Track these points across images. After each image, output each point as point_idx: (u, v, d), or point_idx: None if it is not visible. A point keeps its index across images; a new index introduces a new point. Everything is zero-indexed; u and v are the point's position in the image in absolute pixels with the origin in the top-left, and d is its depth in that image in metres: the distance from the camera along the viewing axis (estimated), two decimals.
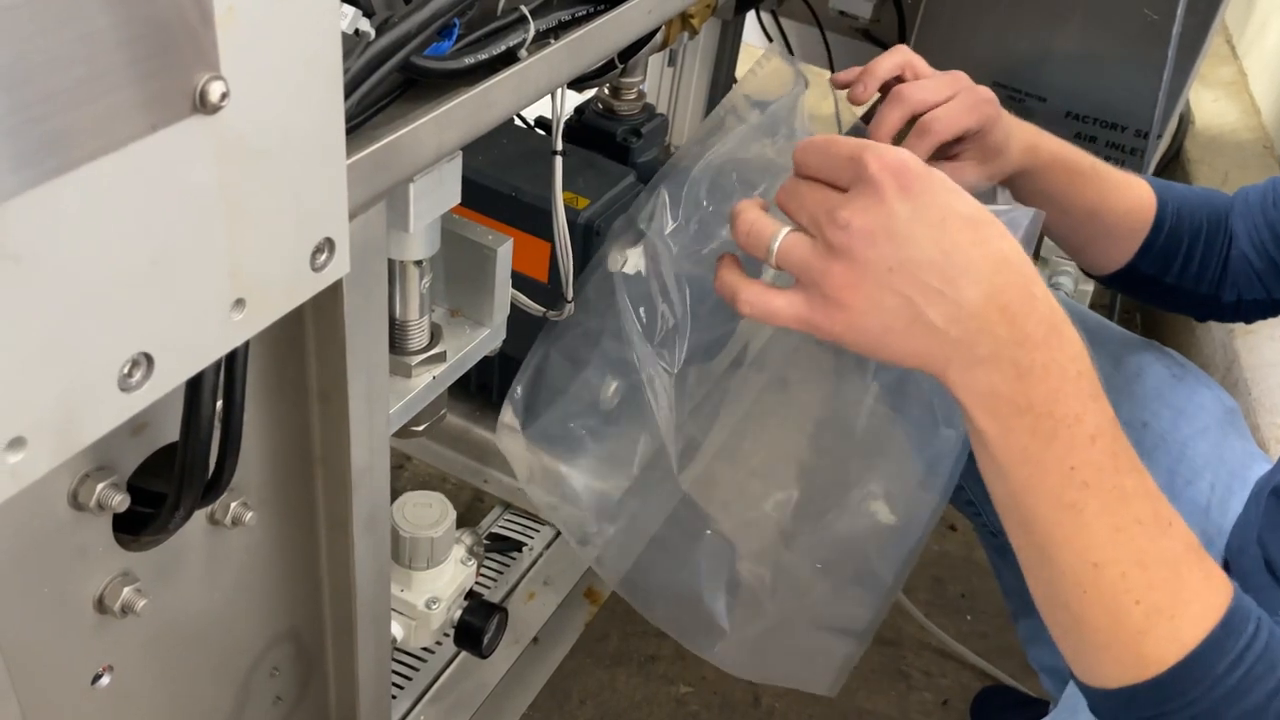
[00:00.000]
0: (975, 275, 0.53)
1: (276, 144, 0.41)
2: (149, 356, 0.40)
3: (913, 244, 0.53)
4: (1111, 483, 0.53)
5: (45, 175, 0.33)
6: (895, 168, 0.53)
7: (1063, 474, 0.53)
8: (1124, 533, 0.53)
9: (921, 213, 0.53)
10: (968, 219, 0.54)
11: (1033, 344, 0.53)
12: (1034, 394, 0.53)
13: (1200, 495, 0.90)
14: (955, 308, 0.53)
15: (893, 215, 0.53)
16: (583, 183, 1.11)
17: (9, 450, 0.36)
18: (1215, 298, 0.90)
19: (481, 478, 1.32)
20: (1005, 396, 0.53)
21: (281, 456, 0.66)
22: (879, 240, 0.53)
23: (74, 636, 0.57)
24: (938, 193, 0.54)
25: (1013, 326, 0.53)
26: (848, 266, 0.54)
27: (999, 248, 0.54)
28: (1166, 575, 0.54)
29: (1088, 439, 0.53)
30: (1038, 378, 0.53)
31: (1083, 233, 0.89)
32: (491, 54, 0.61)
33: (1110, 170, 0.88)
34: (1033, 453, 0.53)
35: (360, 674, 0.78)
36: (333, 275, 0.48)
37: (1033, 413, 0.53)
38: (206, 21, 0.36)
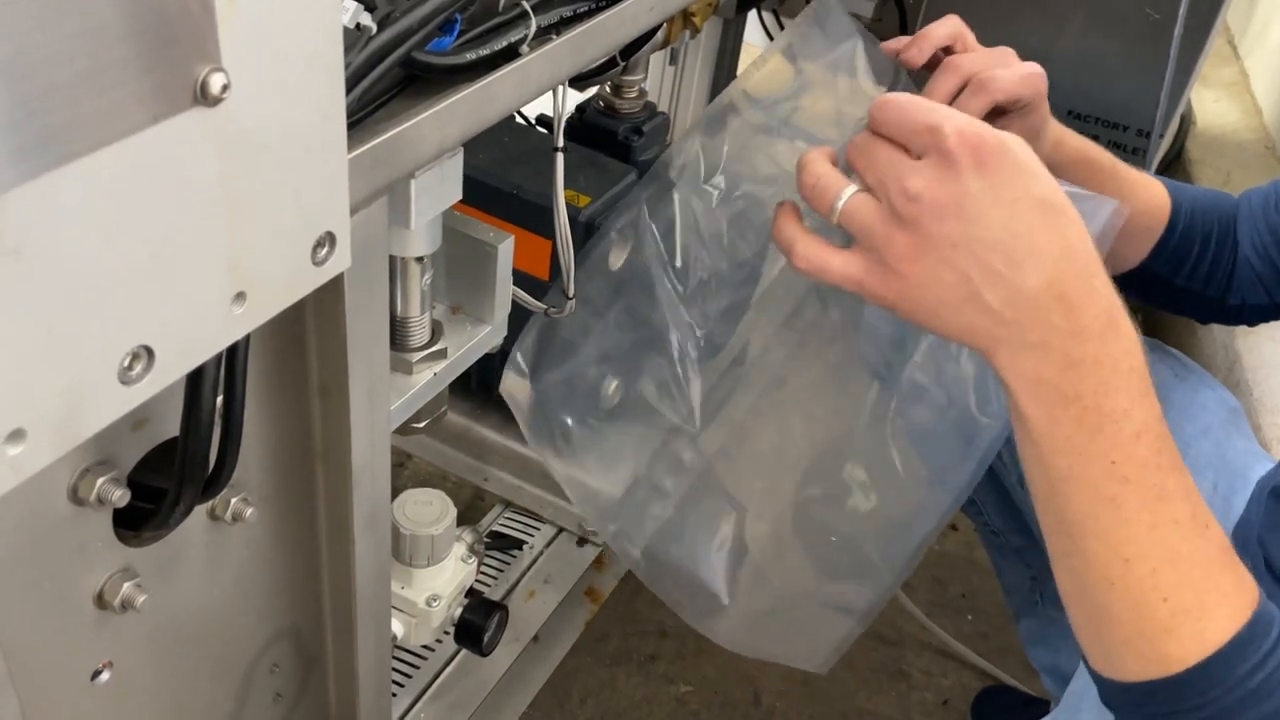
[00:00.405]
0: (1038, 261, 0.52)
1: (277, 137, 0.41)
2: (149, 349, 0.40)
3: (981, 223, 0.52)
4: (1153, 480, 0.53)
5: (45, 167, 0.33)
6: (974, 142, 0.52)
7: (1105, 467, 0.53)
8: (1159, 530, 0.53)
9: (995, 191, 0.52)
10: (1040, 202, 0.53)
11: (1087, 335, 0.52)
12: (1083, 385, 0.52)
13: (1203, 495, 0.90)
14: (1014, 291, 0.52)
15: (965, 192, 0.52)
16: (584, 181, 1.11)
17: (9, 442, 0.36)
18: (1221, 301, 0.90)
19: (482, 476, 1.32)
20: (1053, 384, 0.53)
21: (282, 452, 0.66)
22: (948, 215, 0.52)
23: (74, 632, 0.57)
24: (1014, 171, 0.53)
25: (1069, 316, 0.52)
26: (912, 238, 0.53)
27: (1066, 235, 0.53)
28: (1198, 576, 0.54)
29: (1133, 435, 0.53)
30: (1088, 369, 0.52)
31: None
32: (493, 50, 0.61)
33: (1128, 169, 0.88)
34: (1076, 443, 0.53)
35: (360, 671, 0.78)
36: (333, 270, 0.48)
37: (1080, 403, 0.52)
38: (208, 13, 0.36)
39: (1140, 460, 0.53)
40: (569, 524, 1.29)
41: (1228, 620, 0.54)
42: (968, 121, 0.53)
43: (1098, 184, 0.86)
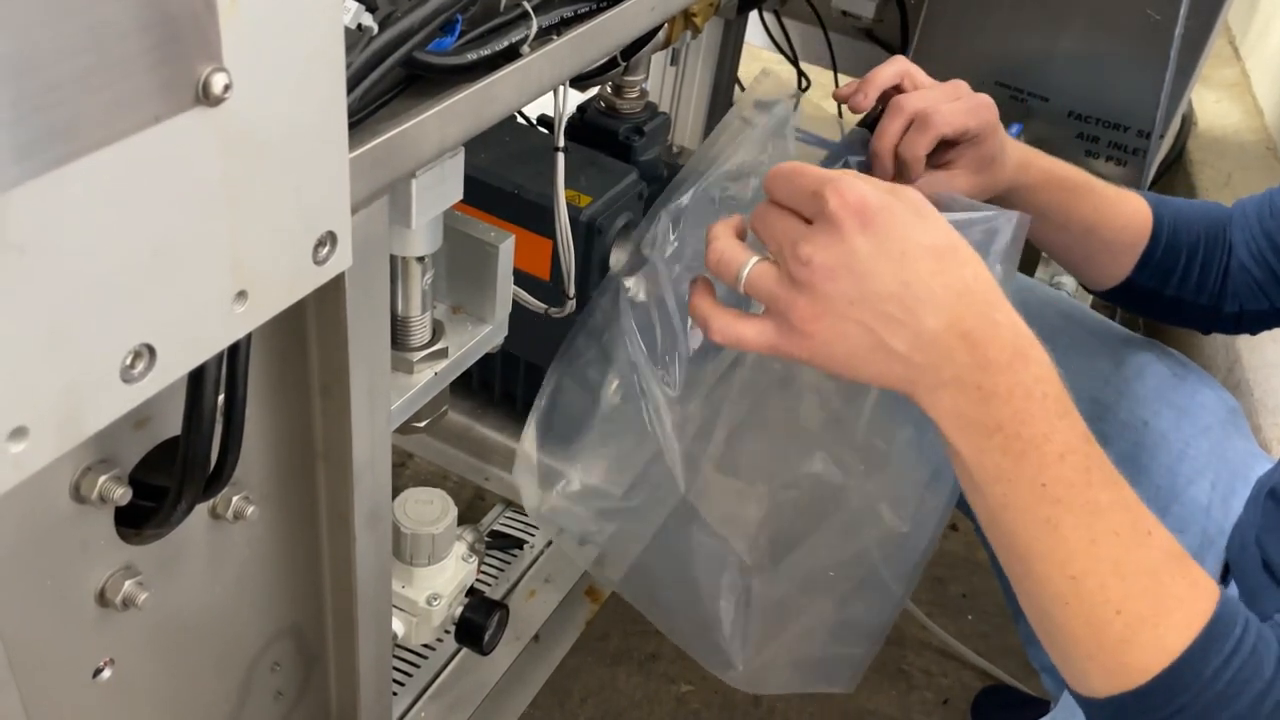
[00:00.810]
0: (935, 305, 0.54)
1: (279, 136, 0.41)
2: (151, 348, 0.40)
3: (873, 278, 0.54)
4: (1084, 498, 0.54)
5: (49, 165, 0.34)
6: (855, 206, 0.54)
7: (1035, 491, 0.54)
8: (1100, 544, 0.54)
9: (882, 246, 0.54)
10: (929, 249, 0.55)
11: (996, 368, 0.54)
12: (1000, 415, 0.54)
13: (1202, 495, 0.90)
14: (916, 336, 0.54)
15: (853, 251, 0.54)
16: (585, 181, 1.11)
17: (11, 440, 0.36)
18: (1217, 309, 0.90)
19: (483, 475, 1.32)
20: (972, 418, 0.55)
21: (283, 451, 0.66)
22: (839, 275, 0.54)
23: (75, 630, 0.57)
24: (898, 225, 0.55)
25: (974, 352, 0.54)
26: (810, 299, 0.55)
27: (960, 276, 0.55)
28: (1146, 584, 0.54)
29: (1057, 456, 0.54)
30: (1002, 400, 0.54)
31: (1081, 248, 0.89)
32: (494, 50, 0.61)
33: (1105, 185, 0.88)
34: (1005, 470, 0.54)
35: (361, 670, 0.78)
36: (334, 269, 0.48)
37: (1001, 433, 0.54)
38: (210, 13, 0.37)
39: (1068, 480, 0.54)
40: None
41: (1185, 625, 0.54)
42: (849, 185, 0.55)
43: (1073, 202, 0.86)
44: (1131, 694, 0.54)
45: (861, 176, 0.56)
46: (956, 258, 0.55)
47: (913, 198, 0.57)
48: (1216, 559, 0.88)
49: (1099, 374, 0.96)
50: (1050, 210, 0.85)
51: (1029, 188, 0.84)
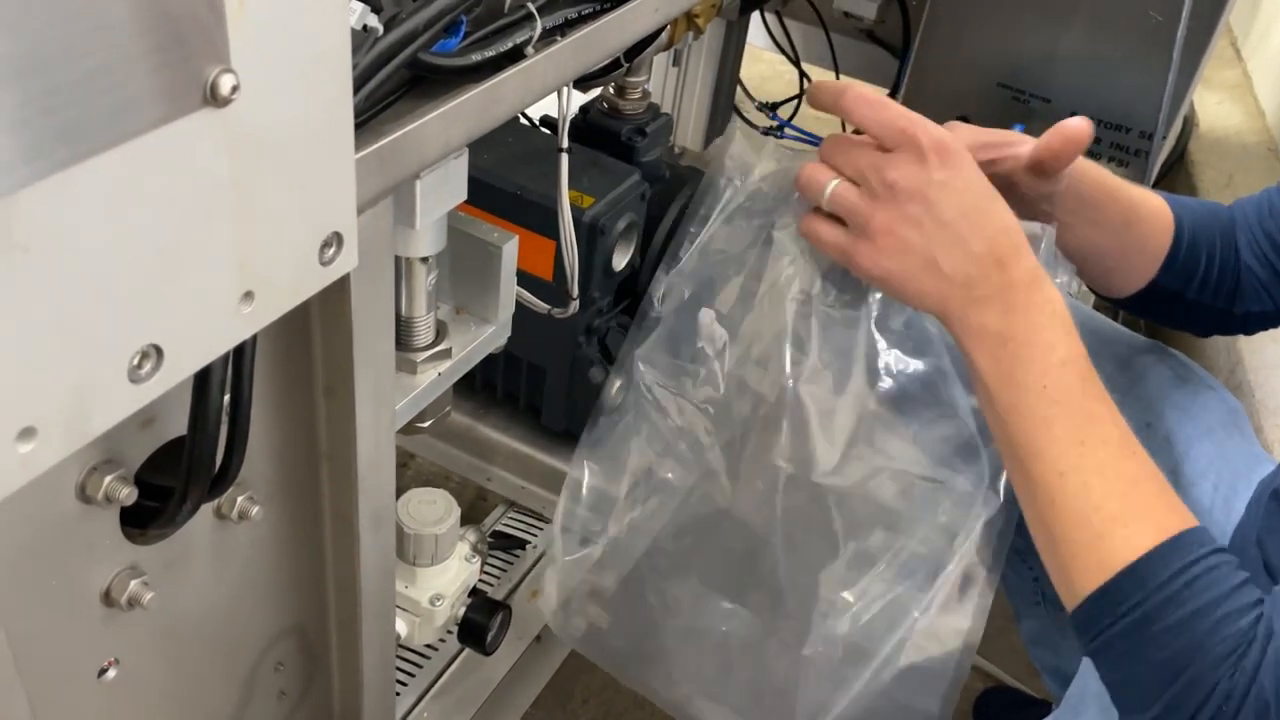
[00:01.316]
0: (981, 233, 0.66)
1: (286, 137, 0.41)
2: (158, 348, 0.40)
3: (940, 204, 0.66)
4: (1079, 403, 0.64)
5: (56, 166, 0.34)
6: (938, 144, 0.67)
7: (1038, 392, 0.64)
8: (1087, 446, 0.63)
9: (952, 181, 0.67)
10: (983, 193, 0.68)
11: (1018, 288, 0.66)
12: (1016, 326, 0.65)
13: (1204, 496, 0.90)
14: (964, 257, 0.66)
15: (930, 180, 0.66)
16: (588, 181, 1.11)
17: (20, 440, 0.36)
18: (1228, 311, 0.90)
19: (485, 475, 1.33)
20: (994, 330, 0.65)
21: (287, 451, 0.66)
22: (915, 197, 0.66)
23: (81, 629, 0.57)
24: (965, 167, 0.67)
25: (1003, 272, 0.66)
26: (887, 214, 0.67)
27: (1002, 218, 0.68)
28: (1124, 489, 0.62)
29: (1059, 363, 0.64)
30: (1020, 312, 0.65)
31: (1116, 248, 0.87)
32: (498, 51, 0.61)
33: (1130, 184, 0.87)
34: (1015, 376, 0.65)
35: (365, 670, 0.78)
36: (340, 270, 0.48)
37: (1015, 341, 0.65)
38: (218, 14, 0.37)
39: (1067, 385, 0.64)
40: None
41: (1154, 531, 0.61)
42: (931, 125, 0.67)
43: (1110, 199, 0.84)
44: (1099, 590, 0.61)
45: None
46: (999, 203, 0.68)
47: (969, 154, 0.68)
48: None
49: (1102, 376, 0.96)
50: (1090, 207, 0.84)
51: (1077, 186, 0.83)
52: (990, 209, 0.67)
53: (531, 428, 1.30)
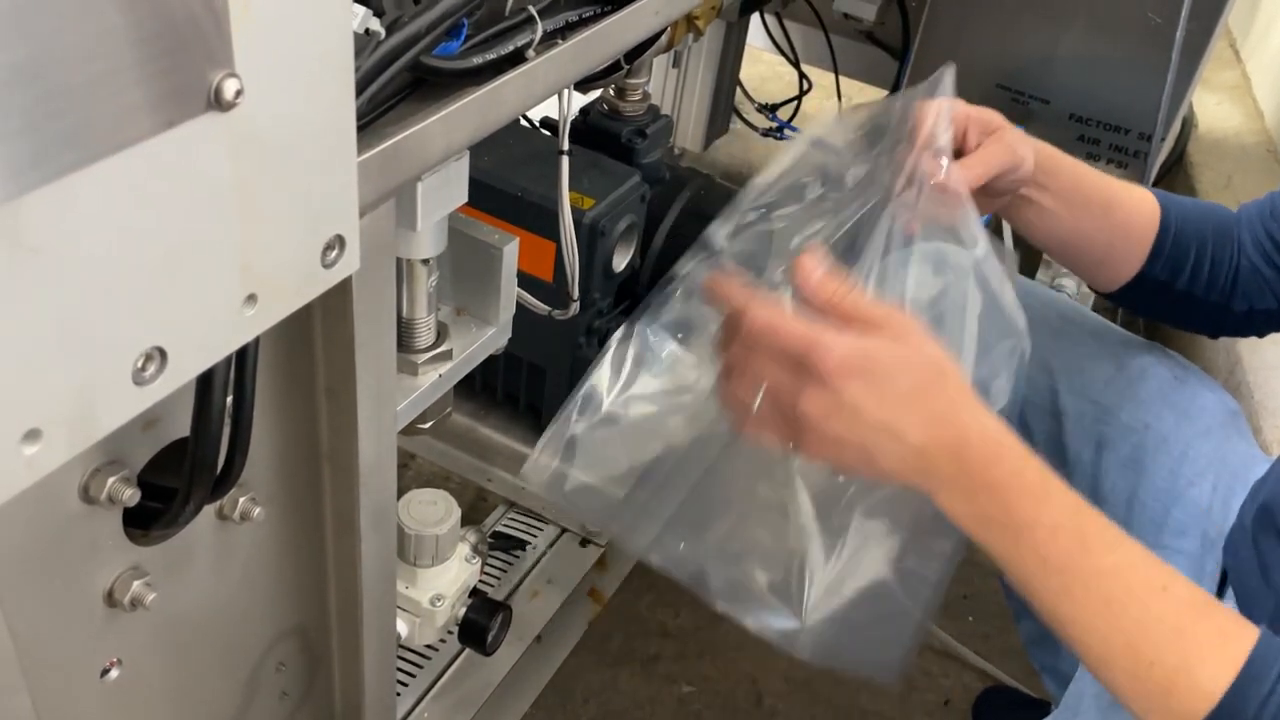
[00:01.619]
0: (917, 429, 0.62)
1: (289, 141, 0.42)
2: (162, 351, 0.40)
3: (861, 416, 0.62)
4: (1086, 565, 0.60)
5: (63, 170, 0.34)
6: (839, 366, 0.61)
7: (1040, 565, 0.61)
8: (1117, 605, 0.60)
9: (868, 390, 0.61)
10: (911, 384, 0.62)
11: (975, 470, 0.62)
12: (988, 508, 0.62)
13: (1202, 497, 0.90)
14: (902, 458, 0.62)
15: (841, 402, 0.62)
16: (588, 183, 1.11)
17: (25, 442, 0.37)
18: (1226, 307, 0.90)
19: (485, 476, 1.33)
20: (967, 514, 0.62)
21: (289, 452, 0.66)
22: (832, 418, 0.62)
23: (84, 630, 0.57)
24: (880, 369, 0.62)
25: (955, 461, 0.62)
26: (810, 436, 0.63)
27: (937, 401, 0.63)
28: (1172, 637, 0.59)
29: (1048, 534, 0.61)
30: (986, 495, 0.62)
31: (1102, 236, 0.89)
32: (499, 54, 0.61)
33: (1110, 177, 0.89)
34: (1012, 553, 0.61)
35: (366, 670, 0.78)
36: (342, 272, 0.48)
37: (996, 522, 0.62)
38: (222, 19, 0.37)
39: (1066, 551, 0.60)
40: (572, 524, 1.30)
41: (1219, 671, 0.57)
42: (828, 347, 0.61)
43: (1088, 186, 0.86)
44: None
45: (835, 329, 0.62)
46: (936, 383, 0.63)
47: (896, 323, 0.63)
48: (1216, 562, 0.88)
49: (1100, 376, 0.96)
50: (1069, 187, 0.86)
51: (1045, 158, 0.84)
52: (921, 399, 0.62)
53: (532, 428, 1.30)
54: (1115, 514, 0.93)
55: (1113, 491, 0.94)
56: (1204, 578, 0.87)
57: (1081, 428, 0.96)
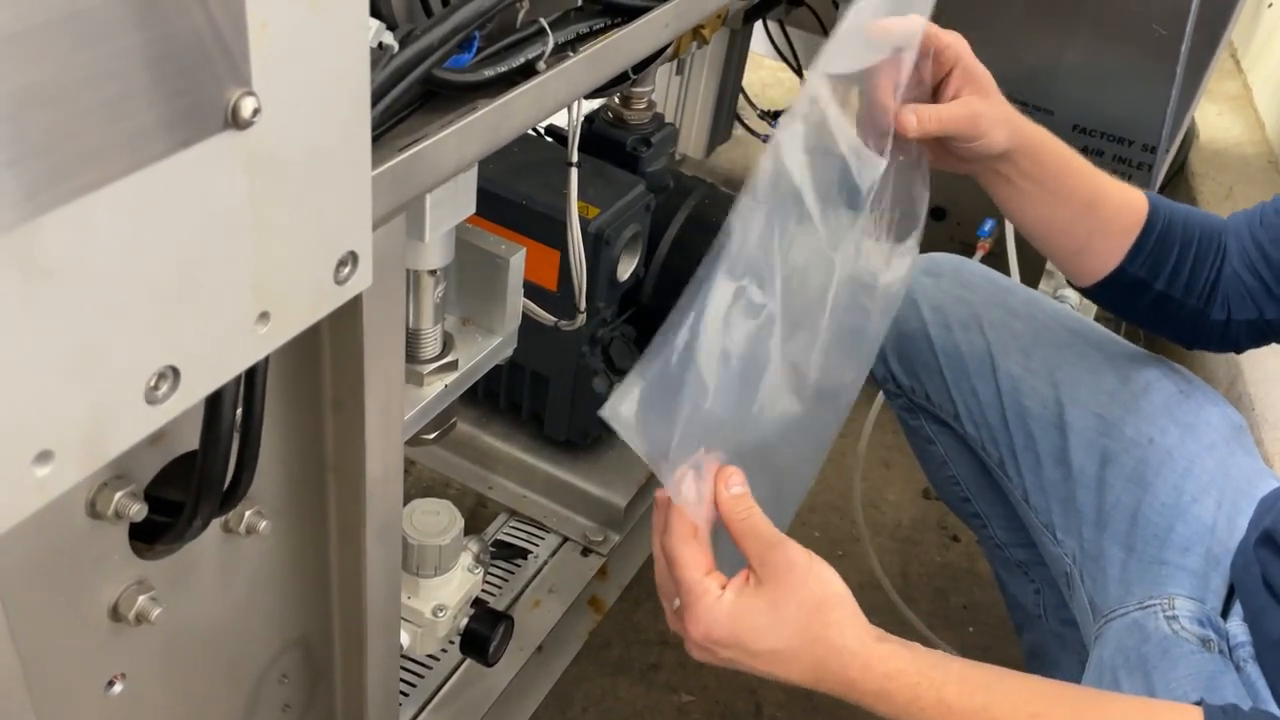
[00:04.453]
0: (800, 676, 0.67)
1: (305, 159, 0.41)
2: (175, 370, 0.40)
3: (740, 667, 0.68)
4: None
5: (79, 191, 0.34)
6: (703, 640, 0.67)
7: None
8: None
9: (741, 653, 0.67)
10: (782, 649, 0.67)
11: (867, 702, 0.66)
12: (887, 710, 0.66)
13: (1207, 514, 0.90)
14: (794, 678, 0.67)
15: (719, 657, 0.68)
16: (593, 192, 1.11)
17: (37, 463, 0.36)
18: (1203, 314, 0.90)
19: (486, 484, 1.33)
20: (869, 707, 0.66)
21: (295, 465, 0.66)
22: (716, 662, 0.68)
23: (88, 644, 0.57)
24: (751, 641, 0.66)
25: (846, 693, 0.66)
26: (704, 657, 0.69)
27: (815, 654, 0.66)
28: None
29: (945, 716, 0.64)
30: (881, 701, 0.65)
31: (1081, 227, 0.88)
32: (510, 67, 0.61)
33: (1103, 171, 0.89)
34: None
35: (369, 682, 0.78)
36: (355, 288, 0.48)
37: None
38: (240, 37, 0.37)
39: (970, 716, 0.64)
40: (573, 533, 1.29)
41: None
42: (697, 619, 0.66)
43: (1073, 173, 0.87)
44: None
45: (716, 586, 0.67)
46: (814, 626, 0.66)
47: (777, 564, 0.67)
48: (1222, 578, 0.88)
49: (1105, 389, 0.96)
50: (1050, 179, 0.86)
51: (1026, 151, 0.85)
52: (800, 652, 0.66)
53: (534, 437, 1.30)
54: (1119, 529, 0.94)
55: (1116, 506, 0.94)
56: (1208, 594, 0.87)
57: (1086, 441, 0.96)
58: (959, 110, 0.83)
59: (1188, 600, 0.85)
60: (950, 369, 1.02)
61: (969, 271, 1.07)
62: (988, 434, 1.00)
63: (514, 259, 0.81)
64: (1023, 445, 0.98)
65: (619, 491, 1.29)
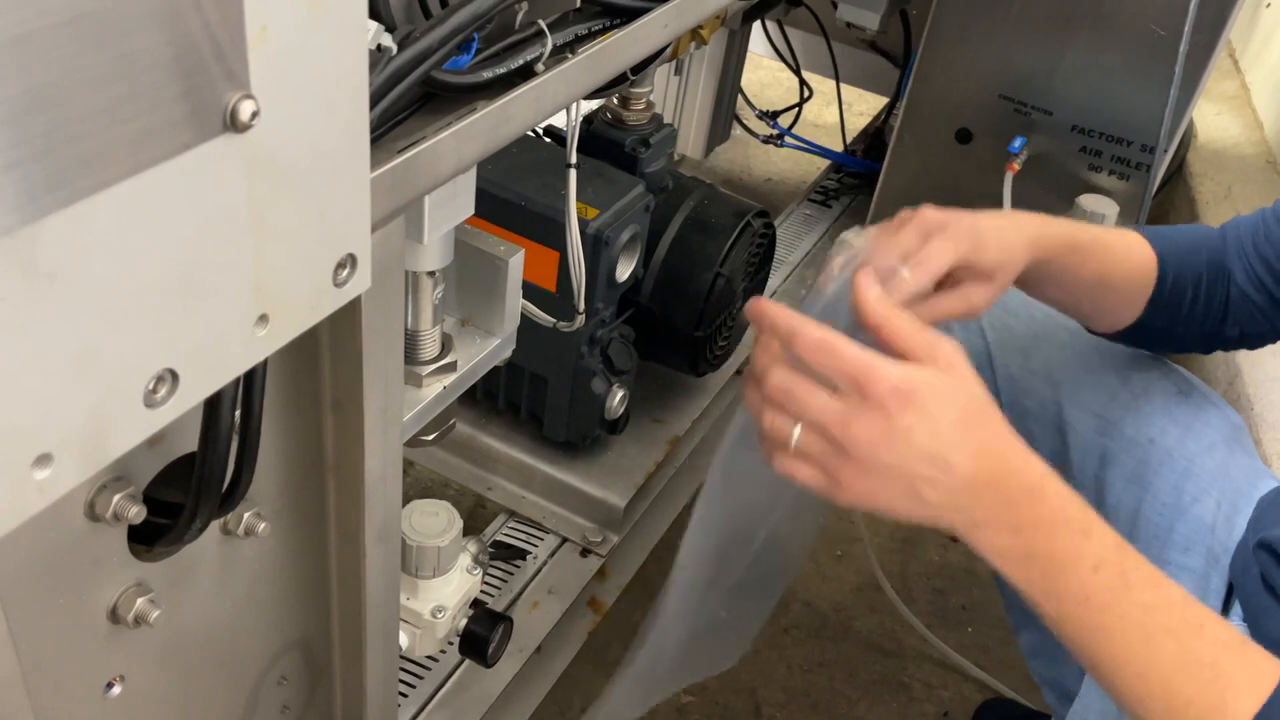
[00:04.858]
0: (962, 462, 0.62)
1: (304, 161, 0.41)
2: (174, 373, 0.40)
3: (910, 446, 0.61)
4: (1129, 601, 0.61)
5: (79, 194, 0.34)
6: (894, 390, 0.61)
7: (1081, 603, 0.61)
8: (1155, 642, 0.60)
9: (920, 420, 0.61)
10: (958, 415, 0.62)
11: (1020, 506, 0.62)
12: (1032, 543, 0.62)
13: (1206, 513, 0.90)
14: (948, 490, 0.62)
15: (894, 428, 0.61)
16: (592, 192, 1.11)
17: (36, 467, 0.36)
18: (1219, 333, 0.91)
19: (485, 485, 1.32)
20: (1009, 549, 0.62)
21: (294, 467, 0.66)
22: (881, 447, 0.61)
23: (87, 646, 0.57)
24: (931, 398, 0.62)
25: (998, 495, 0.62)
26: (856, 466, 0.62)
27: (982, 434, 0.63)
28: (1209, 676, 0.59)
29: (1090, 570, 0.61)
30: (1030, 530, 0.62)
31: (1093, 301, 0.89)
32: (509, 68, 0.61)
33: (1107, 234, 0.88)
34: (1052, 591, 0.61)
35: (368, 683, 0.78)
36: (354, 290, 0.48)
37: (1038, 557, 0.61)
38: (239, 41, 0.37)
39: (1108, 587, 0.61)
40: (572, 534, 1.29)
41: (1251, 704, 0.58)
42: (886, 371, 0.61)
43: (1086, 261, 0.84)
44: None
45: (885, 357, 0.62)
46: (980, 417, 0.63)
47: (943, 354, 0.63)
48: (1222, 577, 0.88)
49: (1105, 390, 0.96)
50: (1064, 274, 0.84)
51: (1045, 260, 0.82)
52: (969, 431, 0.62)
53: (533, 437, 1.30)
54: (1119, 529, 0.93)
55: (1117, 506, 0.94)
56: (1209, 593, 0.87)
57: (1085, 441, 0.96)
58: (956, 304, 0.79)
59: None
60: None
61: None
62: None
63: (513, 260, 0.81)
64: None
65: (618, 492, 1.29)
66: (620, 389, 1.22)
